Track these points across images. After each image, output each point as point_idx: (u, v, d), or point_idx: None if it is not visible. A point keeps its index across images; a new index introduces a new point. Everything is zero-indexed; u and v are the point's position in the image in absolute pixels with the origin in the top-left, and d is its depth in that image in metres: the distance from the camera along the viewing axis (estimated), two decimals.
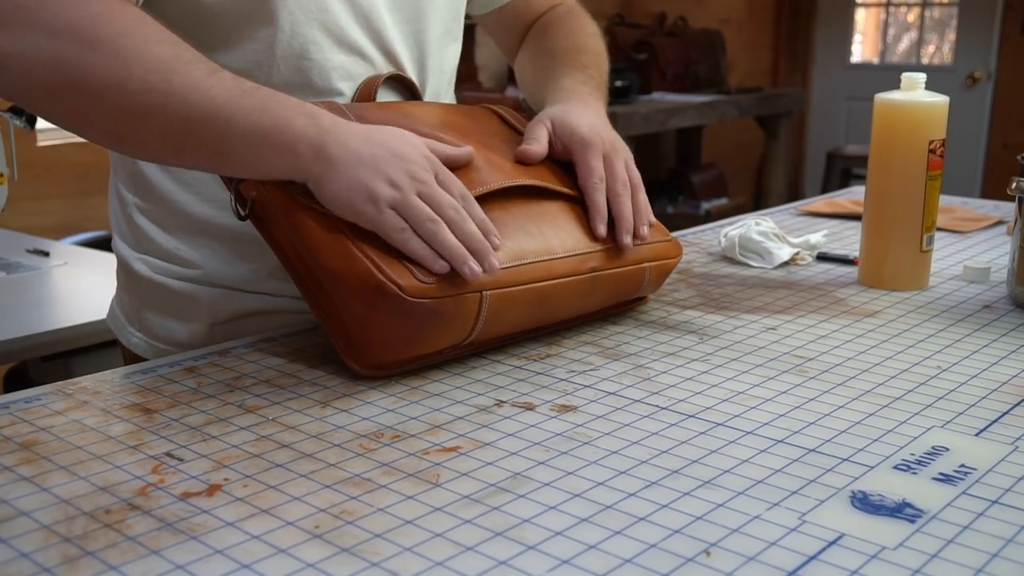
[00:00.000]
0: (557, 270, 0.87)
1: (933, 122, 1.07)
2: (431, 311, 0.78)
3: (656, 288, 1.01)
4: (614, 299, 0.96)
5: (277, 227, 0.82)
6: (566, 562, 0.54)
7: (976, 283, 1.12)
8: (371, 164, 0.78)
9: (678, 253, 1.00)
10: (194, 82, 0.76)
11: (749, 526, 0.58)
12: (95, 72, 0.74)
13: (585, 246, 0.90)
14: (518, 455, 0.68)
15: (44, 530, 0.57)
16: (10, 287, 1.78)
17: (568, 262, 0.88)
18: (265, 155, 0.78)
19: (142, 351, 0.99)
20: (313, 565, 0.54)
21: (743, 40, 5.67)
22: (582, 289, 0.90)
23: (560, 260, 0.87)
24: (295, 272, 0.82)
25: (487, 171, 0.88)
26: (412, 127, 0.87)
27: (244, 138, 0.77)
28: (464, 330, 0.81)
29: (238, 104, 0.77)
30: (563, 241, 0.89)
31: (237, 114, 0.77)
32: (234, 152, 0.78)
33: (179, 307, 0.96)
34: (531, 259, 0.85)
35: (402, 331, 0.79)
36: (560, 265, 0.87)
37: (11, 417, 0.73)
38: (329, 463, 0.66)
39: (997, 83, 5.34)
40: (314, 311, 0.82)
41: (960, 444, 0.70)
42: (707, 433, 0.71)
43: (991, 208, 1.54)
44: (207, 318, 0.95)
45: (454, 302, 0.79)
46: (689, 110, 4.30)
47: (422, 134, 0.86)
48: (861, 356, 0.88)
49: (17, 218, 2.63)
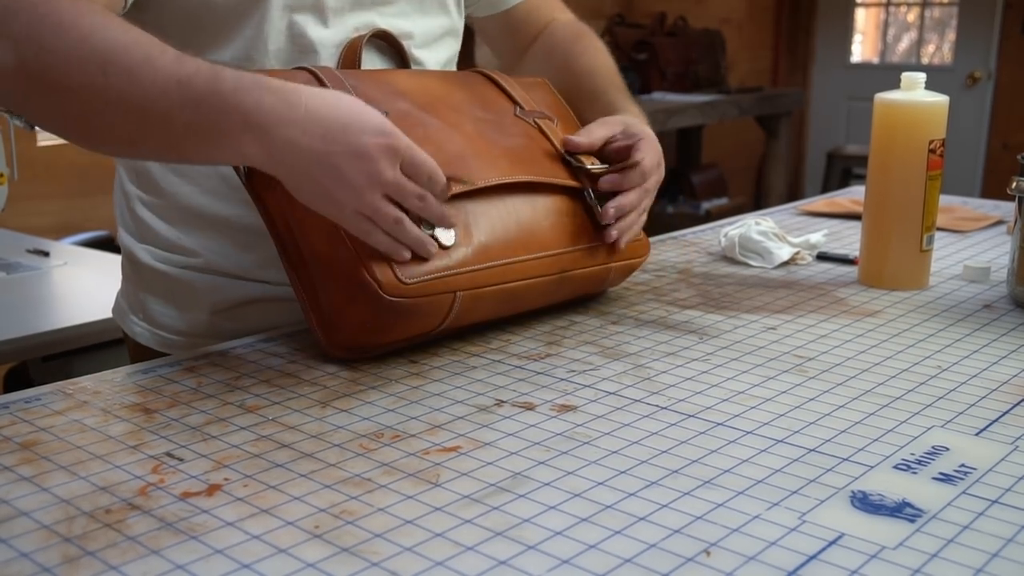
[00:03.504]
0: (529, 271, 0.90)
1: (933, 122, 1.07)
2: (406, 308, 0.80)
3: (619, 283, 1.04)
4: (577, 294, 1.00)
5: (272, 199, 0.83)
6: (566, 562, 0.54)
7: (976, 283, 1.12)
8: (329, 168, 0.75)
9: (645, 252, 1.03)
10: (128, 71, 0.73)
11: (749, 526, 0.58)
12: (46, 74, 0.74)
13: (563, 244, 0.92)
14: (518, 455, 0.68)
15: (44, 530, 0.57)
16: (10, 287, 1.78)
17: (541, 263, 0.91)
18: (211, 153, 0.77)
19: (145, 340, 1.00)
20: (313, 565, 0.54)
21: (743, 40, 5.67)
22: (549, 288, 0.93)
23: (533, 261, 0.90)
24: (281, 245, 0.84)
25: (477, 161, 0.88)
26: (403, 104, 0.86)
27: (186, 136, 0.75)
28: (434, 323, 0.85)
29: (172, 99, 0.73)
30: (543, 237, 0.91)
31: (172, 110, 0.73)
32: (182, 148, 0.77)
33: (180, 295, 0.97)
34: (506, 259, 0.87)
35: (375, 322, 0.81)
36: (533, 266, 0.90)
37: (11, 417, 0.73)
38: (329, 463, 0.66)
39: (997, 83, 5.34)
40: (293, 284, 0.85)
41: (960, 444, 0.70)
42: (707, 433, 0.71)
43: (991, 208, 1.54)
44: (207, 306, 0.96)
45: (428, 301, 0.82)
46: (689, 110, 4.29)
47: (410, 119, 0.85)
48: (861, 356, 0.88)
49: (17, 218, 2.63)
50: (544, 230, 0.91)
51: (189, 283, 0.96)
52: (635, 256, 1.02)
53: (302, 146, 0.74)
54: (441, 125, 0.89)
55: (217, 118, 0.73)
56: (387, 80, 0.90)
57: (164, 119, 0.74)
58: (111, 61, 0.73)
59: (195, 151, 0.77)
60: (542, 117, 0.98)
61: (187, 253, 0.96)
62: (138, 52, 0.73)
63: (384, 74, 0.92)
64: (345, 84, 0.85)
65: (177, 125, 0.74)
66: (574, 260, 0.94)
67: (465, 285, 0.84)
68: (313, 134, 0.74)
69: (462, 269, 0.84)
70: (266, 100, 0.74)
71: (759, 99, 4.82)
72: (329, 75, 0.85)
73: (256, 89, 0.74)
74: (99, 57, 0.73)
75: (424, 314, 0.83)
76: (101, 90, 0.73)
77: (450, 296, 0.83)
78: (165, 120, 0.74)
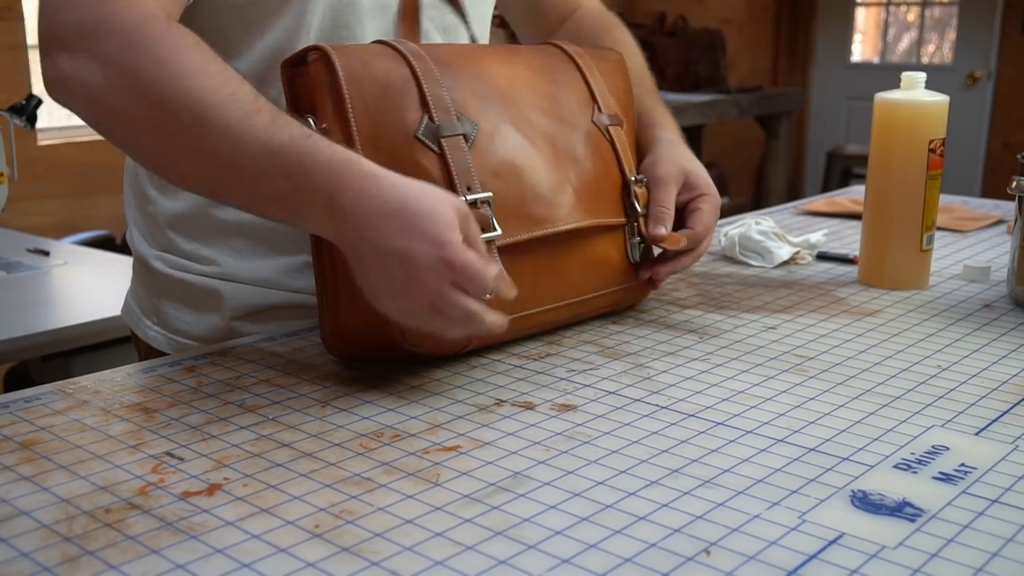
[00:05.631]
0: (557, 316, 0.92)
1: (933, 121, 1.07)
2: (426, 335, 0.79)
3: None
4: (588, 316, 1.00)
5: None
6: (566, 561, 0.54)
7: (976, 282, 1.12)
8: (399, 264, 0.71)
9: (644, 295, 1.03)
10: (226, 130, 0.73)
11: (749, 525, 0.58)
12: (132, 112, 0.74)
13: (596, 289, 0.93)
14: (518, 454, 0.68)
15: (44, 529, 0.57)
16: (10, 287, 1.78)
17: (571, 308, 0.92)
18: (291, 220, 0.76)
19: (160, 344, 0.99)
20: (313, 564, 0.54)
21: (743, 40, 5.67)
22: (557, 323, 0.94)
23: (563, 307, 0.91)
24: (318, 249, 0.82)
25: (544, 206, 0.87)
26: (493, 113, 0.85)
27: (270, 200, 0.75)
28: (451, 350, 0.84)
29: (263, 165, 0.73)
30: (577, 284, 0.91)
31: (262, 176, 0.73)
32: (263, 209, 0.77)
33: (199, 301, 0.96)
34: (542, 307, 0.88)
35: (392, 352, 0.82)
36: (562, 311, 0.91)
37: (11, 417, 0.73)
38: (329, 462, 0.66)
39: (997, 83, 5.34)
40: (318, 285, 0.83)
41: (960, 443, 0.70)
42: (707, 432, 0.71)
43: (991, 207, 1.54)
44: (228, 312, 0.96)
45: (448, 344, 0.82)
46: (689, 110, 4.29)
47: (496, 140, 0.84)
48: (861, 355, 0.88)
49: (17, 218, 2.63)
50: (576, 276, 0.91)
51: (207, 289, 0.95)
52: (636, 298, 1.02)
53: (368, 242, 0.72)
54: (525, 146, 0.87)
55: (303, 195, 0.73)
56: (480, 75, 0.87)
57: (253, 181, 0.74)
58: (207, 116, 0.72)
59: (275, 214, 0.77)
60: (615, 123, 0.96)
61: (205, 262, 0.95)
62: (236, 110, 0.73)
63: (476, 65, 0.88)
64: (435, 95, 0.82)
65: (264, 189, 0.74)
66: (593, 305, 0.95)
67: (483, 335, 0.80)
68: (382, 229, 0.72)
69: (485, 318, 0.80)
70: (353, 186, 0.72)
71: (759, 99, 4.82)
72: (426, 74, 0.82)
73: (346, 172, 0.72)
74: (197, 108, 0.72)
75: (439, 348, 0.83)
76: (195, 140, 0.73)
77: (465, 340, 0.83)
78: (253, 183, 0.74)
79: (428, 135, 0.81)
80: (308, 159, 0.72)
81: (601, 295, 0.94)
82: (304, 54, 0.80)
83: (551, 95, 0.92)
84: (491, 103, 0.86)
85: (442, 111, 0.82)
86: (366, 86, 0.79)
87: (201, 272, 0.96)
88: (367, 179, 0.72)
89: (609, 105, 0.97)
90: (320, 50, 0.79)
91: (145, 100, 0.73)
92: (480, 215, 0.80)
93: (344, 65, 0.78)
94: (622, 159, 0.95)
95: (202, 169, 0.76)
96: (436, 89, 0.82)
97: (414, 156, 0.80)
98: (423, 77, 0.82)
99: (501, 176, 0.84)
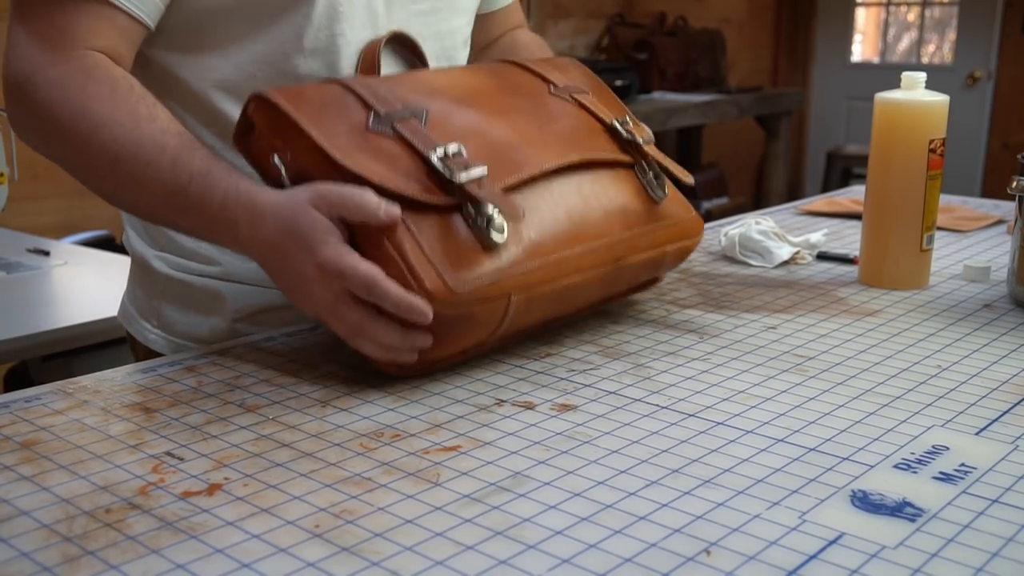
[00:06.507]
0: (583, 263, 0.85)
1: (933, 121, 1.07)
2: (458, 318, 0.77)
3: (674, 268, 1.00)
4: (632, 285, 0.96)
5: None
6: (566, 561, 0.54)
7: (976, 282, 1.12)
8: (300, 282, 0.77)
9: (699, 232, 0.98)
10: (135, 179, 0.82)
11: (749, 525, 0.58)
12: (66, 157, 0.85)
13: (616, 229, 0.88)
14: (518, 454, 0.68)
15: (44, 529, 0.57)
16: (10, 287, 1.78)
17: (595, 253, 0.86)
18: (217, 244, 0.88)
19: (159, 347, 0.99)
20: (313, 564, 0.54)
21: (743, 40, 5.67)
22: (605, 280, 0.89)
23: (587, 252, 0.85)
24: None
25: (529, 149, 0.85)
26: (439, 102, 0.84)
27: (190, 231, 0.86)
28: (487, 332, 0.81)
29: (172, 206, 0.82)
30: (595, 225, 0.86)
31: (173, 214, 0.83)
32: (190, 235, 0.89)
33: (200, 302, 0.96)
34: (559, 251, 0.83)
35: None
36: (587, 258, 0.85)
37: (11, 416, 0.73)
38: (329, 462, 0.66)
39: (997, 83, 5.34)
40: None
41: (960, 443, 0.70)
42: (707, 432, 0.71)
43: (991, 207, 1.54)
44: (229, 314, 0.96)
45: (481, 309, 0.78)
46: (689, 110, 4.30)
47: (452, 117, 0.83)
48: (861, 355, 0.88)
49: (17, 218, 2.63)
50: (596, 217, 0.87)
51: (209, 290, 0.96)
52: (689, 236, 0.97)
53: (270, 268, 0.80)
54: (483, 117, 0.85)
55: (210, 229, 0.82)
56: (420, 80, 0.88)
57: (168, 217, 0.84)
58: (119, 166, 0.82)
59: (200, 239, 0.90)
60: (577, 91, 0.95)
61: (206, 261, 0.95)
62: (143, 155, 0.81)
63: (414, 75, 0.90)
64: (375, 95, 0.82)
65: (180, 223, 0.85)
66: (629, 246, 0.89)
67: (519, 285, 0.79)
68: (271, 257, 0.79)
69: (514, 269, 0.79)
70: (244, 221, 0.79)
71: (759, 99, 4.82)
72: (362, 85, 0.83)
73: (237, 209, 0.79)
74: (110, 157, 0.82)
75: (477, 323, 0.79)
76: (114, 185, 0.84)
77: (504, 300, 0.79)
78: (170, 218, 0.85)
79: (379, 126, 0.80)
80: (207, 199, 0.80)
81: (642, 233, 0.90)
82: (244, 112, 0.81)
83: (499, 85, 0.92)
84: (436, 97, 0.85)
85: (385, 103, 0.82)
86: (305, 108, 0.79)
87: (202, 272, 0.96)
88: (254, 214, 0.78)
89: (564, 81, 0.96)
90: (254, 97, 0.80)
91: (71, 148, 0.84)
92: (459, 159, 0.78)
93: (281, 92, 0.80)
94: (595, 111, 0.93)
95: (132, 205, 0.87)
96: (375, 90, 0.83)
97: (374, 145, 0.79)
98: (357, 87, 0.83)
99: (468, 140, 0.81)
